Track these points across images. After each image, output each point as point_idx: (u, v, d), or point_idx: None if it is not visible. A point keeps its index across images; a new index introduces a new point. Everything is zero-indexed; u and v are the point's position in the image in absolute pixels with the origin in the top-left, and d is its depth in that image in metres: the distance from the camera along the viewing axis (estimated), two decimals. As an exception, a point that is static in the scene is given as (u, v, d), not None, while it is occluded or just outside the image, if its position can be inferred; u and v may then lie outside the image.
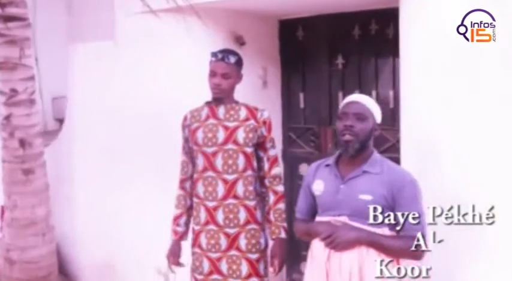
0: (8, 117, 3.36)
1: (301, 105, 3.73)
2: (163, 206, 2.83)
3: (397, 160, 2.55)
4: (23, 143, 3.38)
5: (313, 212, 2.18)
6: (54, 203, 3.80)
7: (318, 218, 2.11)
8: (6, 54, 3.28)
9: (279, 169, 2.61)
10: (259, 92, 3.65)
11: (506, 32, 2.14)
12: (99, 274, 3.81)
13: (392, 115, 3.25)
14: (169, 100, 3.18)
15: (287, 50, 3.76)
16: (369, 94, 3.37)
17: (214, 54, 2.52)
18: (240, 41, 3.40)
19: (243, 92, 3.50)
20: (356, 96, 2.13)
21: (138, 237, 3.50)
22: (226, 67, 2.48)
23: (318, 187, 2.10)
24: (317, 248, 2.04)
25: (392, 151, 3.09)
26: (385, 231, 1.97)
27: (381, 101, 3.31)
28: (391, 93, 3.29)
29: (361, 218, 1.96)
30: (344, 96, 3.49)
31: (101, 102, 3.61)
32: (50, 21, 5.27)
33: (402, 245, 1.93)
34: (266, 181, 2.58)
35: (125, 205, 3.58)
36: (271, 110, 3.74)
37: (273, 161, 2.59)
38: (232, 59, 2.50)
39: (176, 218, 2.65)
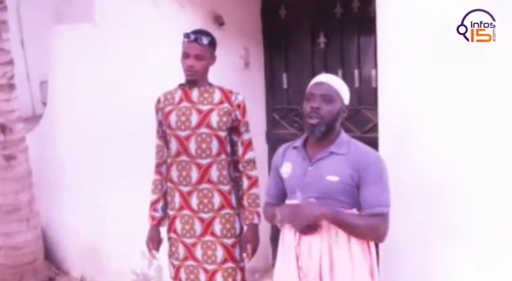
0: (-13, 103, 3.34)
1: (285, 85, 3.68)
2: (147, 191, 2.80)
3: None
4: (3, 128, 3.38)
5: (282, 195, 2.15)
6: (39, 188, 3.80)
7: (287, 202, 2.08)
8: (-17, 39, 3.26)
9: (252, 154, 2.58)
10: (241, 73, 3.61)
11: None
12: (84, 257, 3.82)
13: (375, 94, 3.20)
14: (147, 82, 3.14)
15: (269, 30, 3.70)
16: (352, 73, 3.36)
17: (186, 35, 2.46)
18: (219, 21, 3.34)
19: (224, 73, 3.49)
20: (323, 77, 2.07)
21: (122, 221, 3.50)
22: (199, 48, 2.42)
23: (286, 169, 2.07)
24: (287, 233, 2.03)
25: (375, 131, 3.05)
26: (354, 212, 1.95)
27: (363, 80, 3.30)
28: (373, 72, 3.23)
29: (329, 200, 1.94)
30: (327, 76, 3.49)
31: (83, 84, 3.57)
32: (36, 4, 5.23)
33: (364, 223, 1.91)
34: (240, 166, 2.55)
35: (109, 189, 3.56)
36: (254, 91, 3.73)
37: (247, 145, 2.56)
38: (205, 40, 2.44)
39: (153, 204, 2.63)
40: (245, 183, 2.54)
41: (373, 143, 2.47)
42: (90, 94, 3.52)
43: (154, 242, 2.62)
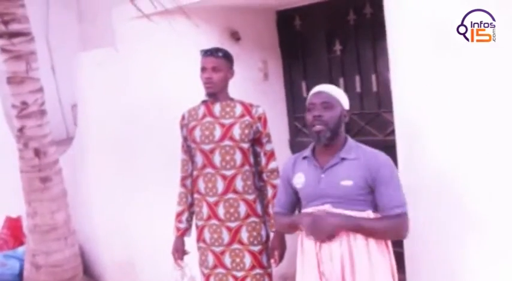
0: (21, 130, 3.51)
1: (304, 94, 3.75)
2: (175, 204, 2.91)
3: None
4: (37, 152, 3.53)
5: (293, 205, 2.23)
6: (74, 207, 3.95)
7: (303, 210, 2.15)
8: (14, 69, 3.43)
9: (275, 163, 2.66)
10: (261, 84, 3.70)
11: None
12: (120, 271, 3.95)
13: (392, 98, 3.24)
14: (169, 101, 3.26)
15: (286, 40, 3.79)
16: (369, 78, 3.40)
17: (202, 51, 2.60)
18: (235, 36, 3.45)
19: (244, 86, 3.59)
20: (321, 87, 2.14)
21: (154, 234, 3.60)
22: (215, 61, 2.55)
23: (299, 179, 2.14)
24: (306, 241, 2.09)
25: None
26: (370, 214, 2.01)
27: (381, 83, 3.33)
28: (390, 76, 3.27)
29: (344, 204, 2.00)
30: (345, 82, 3.54)
31: (108, 107, 3.72)
32: (64, 31, 5.43)
33: (384, 225, 1.98)
34: (264, 175, 2.65)
35: (139, 204, 3.69)
36: (275, 101, 3.81)
37: (270, 156, 2.65)
38: (220, 53, 2.58)
39: (178, 215, 2.74)
40: (270, 192, 2.63)
41: (395, 146, 2.54)
42: (115, 115, 3.67)
43: (179, 252, 2.74)
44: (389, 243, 2.06)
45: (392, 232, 2.00)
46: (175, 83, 3.31)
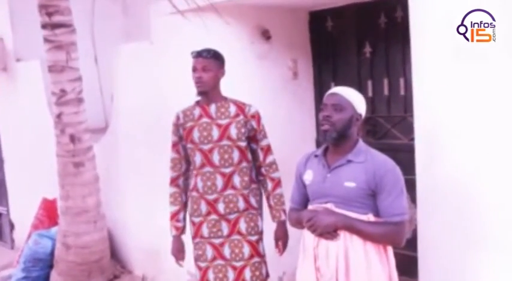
0: (59, 116, 3.70)
1: (333, 95, 3.78)
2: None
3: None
4: (72, 138, 3.72)
5: (305, 201, 2.29)
6: (106, 193, 4.12)
7: (309, 207, 2.22)
8: (55, 58, 3.62)
9: (272, 157, 2.78)
10: (289, 83, 3.75)
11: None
12: (145, 258, 4.09)
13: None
14: (197, 97, 3.34)
15: (317, 41, 3.82)
16: (397, 81, 3.40)
17: (193, 53, 2.70)
18: (266, 35, 3.51)
19: (273, 84, 3.67)
20: (336, 89, 2.19)
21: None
22: (204, 61, 2.65)
23: (308, 176, 2.21)
24: (307, 236, 2.15)
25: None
26: (370, 217, 2.04)
27: (409, 87, 3.32)
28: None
29: (346, 205, 2.05)
30: (373, 84, 3.56)
31: (141, 98, 3.86)
32: (108, 24, 5.62)
33: (380, 230, 2.02)
34: (263, 170, 2.77)
35: (166, 194, 3.80)
36: (304, 100, 3.86)
37: (267, 151, 2.77)
38: (209, 54, 2.66)
39: (175, 215, 2.84)
40: (269, 185, 2.76)
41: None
42: (147, 107, 3.79)
43: (181, 252, 2.85)
44: (389, 248, 2.09)
45: (388, 238, 2.03)
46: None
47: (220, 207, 2.69)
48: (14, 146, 5.29)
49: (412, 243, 2.70)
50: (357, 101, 2.14)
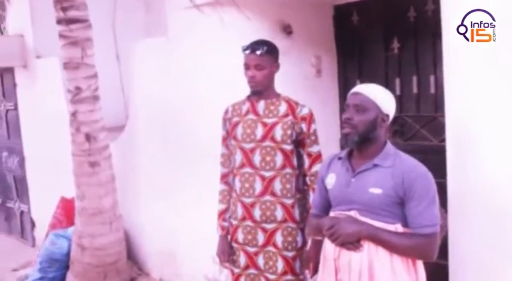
0: (74, 114, 3.62)
1: (358, 93, 3.59)
2: (217, 202, 2.86)
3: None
4: (88, 137, 3.63)
5: (326, 207, 2.12)
6: (123, 193, 4.03)
7: (331, 213, 2.05)
8: (70, 54, 3.54)
9: (320, 166, 2.51)
10: (312, 81, 3.58)
11: None
12: (162, 261, 4.00)
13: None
14: (214, 92, 3.22)
15: (342, 36, 3.63)
16: (427, 79, 3.19)
17: (245, 48, 2.50)
18: (287, 30, 3.34)
19: (295, 81, 3.49)
20: (360, 87, 2.01)
21: (195, 227, 3.61)
22: (258, 58, 2.45)
23: (330, 180, 2.04)
24: (328, 246, 1.99)
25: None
26: (398, 227, 1.86)
27: (439, 86, 3.12)
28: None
29: (372, 213, 1.88)
30: (401, 82, 3.36)
31: (158, 95, 3.75)
32: (129, 20, 5.56)
33: (407, 243, 1.83)
34: (307, 179, 2.54)
35: (183, 196, 3.69)
36: (327, 99, 3.68)
37: (315, 158, 2.52)
38: (263, 50, 2.46)
39: (222, 213, 2.66)
40: (312, 196, 2.50)
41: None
42: (164, 104, 3.68)
43: (225, 253, 2.63)
44: (419, 261, 1.91)
45: (417, 252, 1.85)
46: (221, 75, 3.26)
47: (256, 213, 2.50)
48: (35, 143, 5.27)
49: (443, 251, 2.49)
50: (383, 99, 1.95)
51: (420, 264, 1.91)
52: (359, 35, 3.54)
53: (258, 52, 2.45)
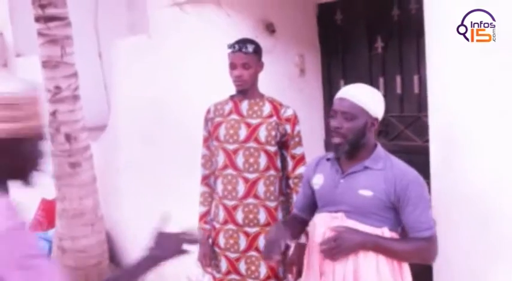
0: (53, 114, 3.53)
1: (342, 93, 3.57)
2: (198, 204, 2.81)
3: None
4: (68, 137, 3.55)
5: (310, 207, 2.08)
6: (104, 193, 3.96)
7: (317, 215, 2.01)
8: (49, 53, 3.46)
9: (303, 169, 2.45)
10: (296, 80, 3.55)
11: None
12: (144, 263, 3.92)
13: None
14: (196, 91, 3.18)
15: (325, 35, 3.61)
16: (411, 78, 3.18)
17: (231, 46, 2.43)
18: (270, 28, 3.31)
19: (278, 81, 3.46)
20: (346, 92, 1.93)
21: (179, 228, 3.54)
22: (245, 57, 2.39)
23: (318, 180, 2.00)
24: (313, 246, 1.95)
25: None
26: (385, 231, 1.84)
27: (423, 85, 3.10)
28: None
29: (359, 216, 1.84)
30: (385, 81, 3.34)
31: (139, 94, 3.69)
32: (112, 18, 5.47)
33: (410, 248, 1.83)
34: (290, 182, 2.48)
35: (168, 194, 3.63)
36: (311, 98, 3.65)
37: (299, 160, 2.47)
38: (250, 48, 2.41)
39: (203, 216, 2.60)
40: (295, 199, 2.44)
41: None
42: (145, 103, 3.63)
43: (207, 258, 2.56)
44: (405, 265, 1.88)
45: (419, 255, 1.85)
46: (203, 74, 3.21)
47: (239, 216, 2.44)
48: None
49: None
50: (371, 104, 1.88)
51: (406, 266, 1.89)
52: (343, 34, 3.52)
53: (245, 50, 2.39)
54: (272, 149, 2.41)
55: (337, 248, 1.81)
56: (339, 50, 3.55)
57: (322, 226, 1.91)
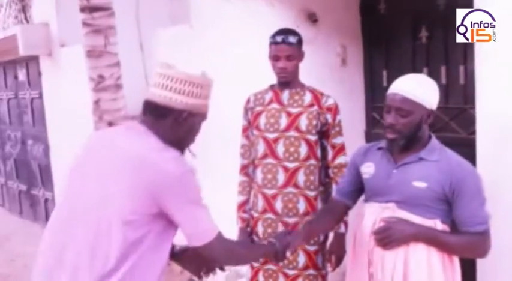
0: (97, 102, 3.60)
1: (385, 83, 3.49)
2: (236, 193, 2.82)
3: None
4: (111, 125, 3.60)
5: (353, 194, 2.06)
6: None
7: (365, 204, 1.98)
8: (92, 43, 3.51)
9: (344, 158, 2.46)
10: (337, 71, 3.50)
11: None
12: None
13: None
14: (239, 81, 3.17)
15: (368, 25, 3.54)
16: (457, 69, 3.09)
17: (273, 37, 2.43)
18: (312, 18, 3.27)
19: (319, 71, 3.42)
20: (398, 86, 1.87)
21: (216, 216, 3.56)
22: (288, 49, 2.39)
23: (368, 169, 1.96)
24: (360, 235, 1.92)
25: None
26: (437, 223, 1.81)
27: (469, 76, 3.02)
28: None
29: (411, 207, 1.81)
30: (429, 72, 3.25)
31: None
32: (154, 9, 5.52)
33: (464, 242, 1.79)
34: (330, 171, 2.47)
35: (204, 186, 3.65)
36: (352, 89, 3.60)
37: (339, 150, 2.46)
38: (293, 39, 2.40)
39: (242, 205, 2.62)
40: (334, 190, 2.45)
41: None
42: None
43: None
44: (456, 259, 1.84)
45: (472, 250, 1.82)
46: (244, 63, 3.20)
47: (278, 205, 2.45)
48: (59, 132, 5.30)
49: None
50: (427, 97, 1.84)
51: (457, 261, 1.85)
52: (386, 24, 3.44)
53: (288, 42, 2.38)
54: (313, 138, 2.40)
55: (389, 238, 1.79)
56: (382, 40, 3.48)
57: (372, 215, 1.88)
